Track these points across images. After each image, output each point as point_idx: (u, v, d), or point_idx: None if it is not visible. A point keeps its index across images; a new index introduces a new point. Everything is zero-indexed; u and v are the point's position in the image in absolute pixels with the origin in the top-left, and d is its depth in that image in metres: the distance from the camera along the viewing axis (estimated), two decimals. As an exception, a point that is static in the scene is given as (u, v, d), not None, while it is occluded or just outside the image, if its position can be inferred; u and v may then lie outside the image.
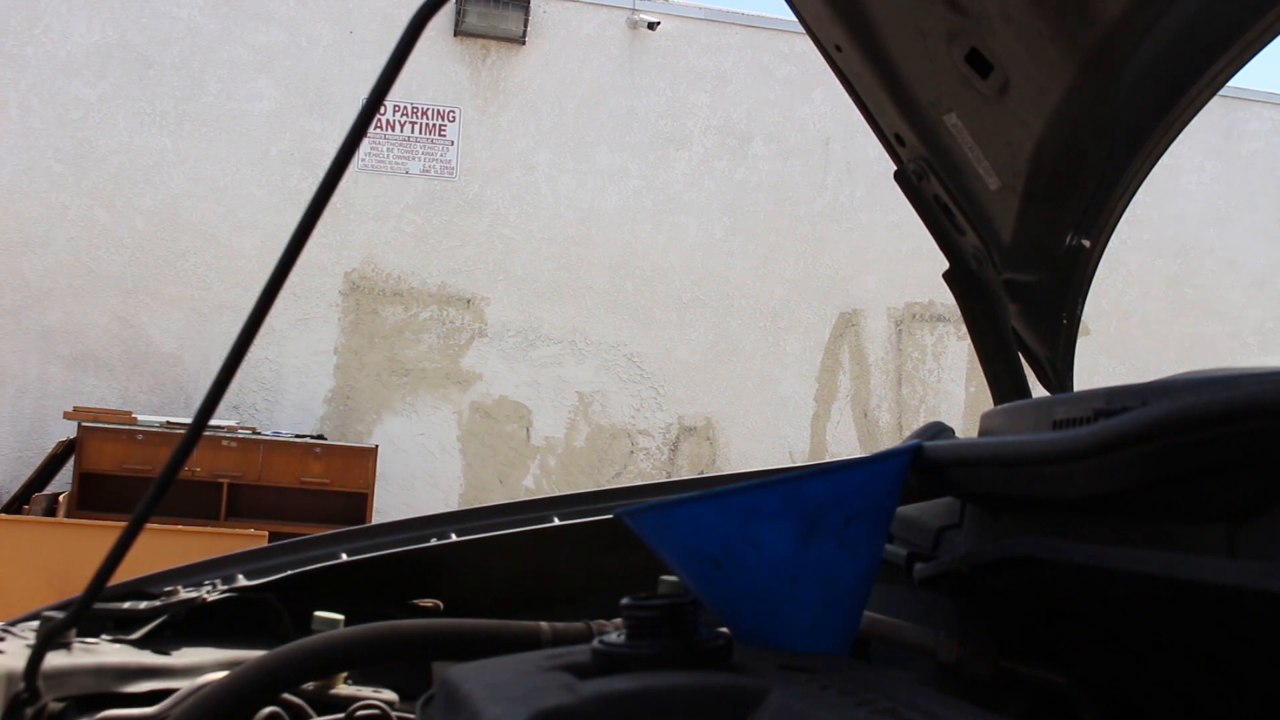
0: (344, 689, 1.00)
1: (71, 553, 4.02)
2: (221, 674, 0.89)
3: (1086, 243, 1.29)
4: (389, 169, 6.34)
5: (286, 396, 6.18)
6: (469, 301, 6.35)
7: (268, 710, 0.89)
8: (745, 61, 6.79)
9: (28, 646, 0.90)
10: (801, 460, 6.60)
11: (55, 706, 0.90)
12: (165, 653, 1.03)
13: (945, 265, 1.38)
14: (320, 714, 0.94)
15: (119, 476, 5.09)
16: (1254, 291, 7.45)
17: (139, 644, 1.05)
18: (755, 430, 6.71)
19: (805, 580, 0.71)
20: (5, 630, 1.01)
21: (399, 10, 6.25)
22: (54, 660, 0.91)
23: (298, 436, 5.73)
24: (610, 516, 1.09)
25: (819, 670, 0.61)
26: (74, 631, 0.97)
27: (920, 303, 6.93)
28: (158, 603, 1.10)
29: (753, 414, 6.71)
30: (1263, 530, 0.54)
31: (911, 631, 0.91)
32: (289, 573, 1.19)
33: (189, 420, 0.93)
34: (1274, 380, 0.52)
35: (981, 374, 1.38)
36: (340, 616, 1.03)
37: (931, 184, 1.34)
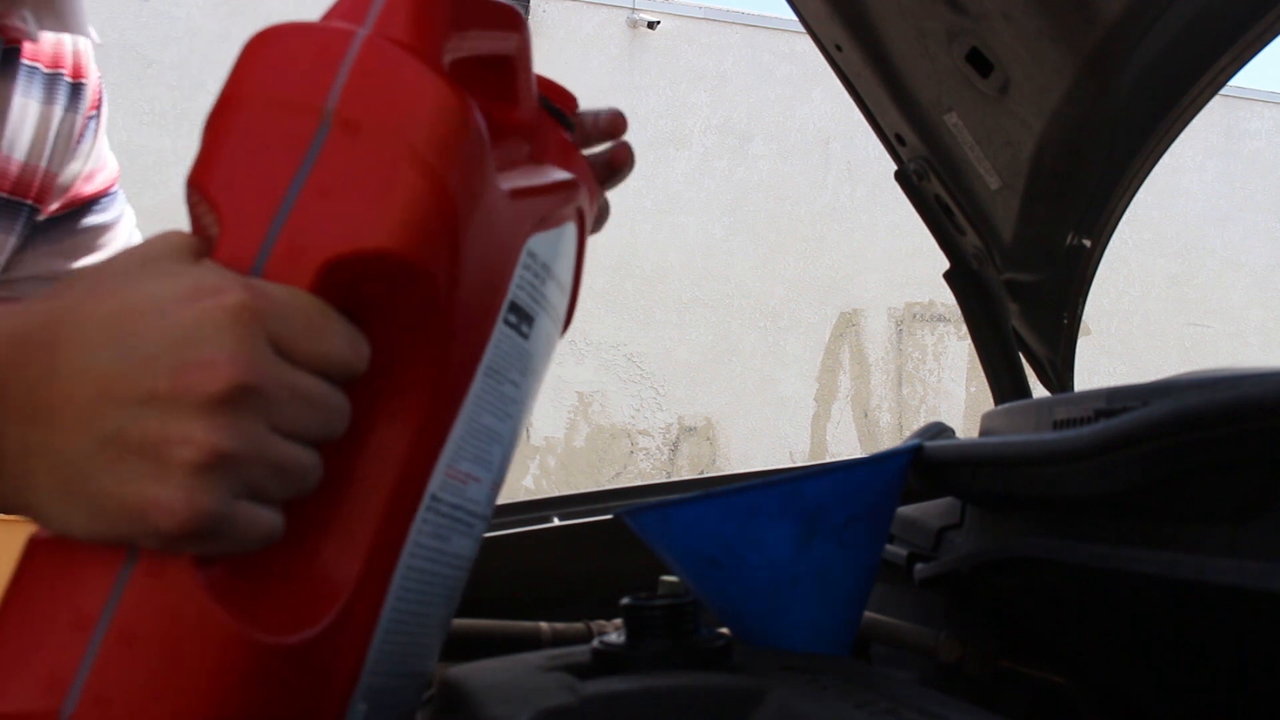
0: (344, 689, 1.00)
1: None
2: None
3: (1087, 242, 1.29)
4: (389, 169, 6.34)
5: (286, 396, 6.19)
6: (469, 301, 6.35)
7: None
8: (745, 61, 6.79)
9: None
10: (801, 460, 6.61)
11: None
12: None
13: (945, 265, 1.38)
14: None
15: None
16: (1255, 291, 7.45)
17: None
18: (755, 430, 6.70)
19: (805, 580, 0.71)
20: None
21: (399, 10, 6.25)
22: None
23: (298, 436, 5.73)
24: (610, 516, 1.09)
25: (819, 670, 0.61)
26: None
27: (920, 303, 6.93)
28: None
29: (753, 414, 6.71)
30: (1264, 530, 0.54)
31: (911, 631, 0.91)
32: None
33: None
34: (1275, 380, 0.52)
35: (982, 374, 1.38)
36: (340, 616, 1.03)
37: (932, 184, 1.34)
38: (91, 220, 1.00)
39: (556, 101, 0.64)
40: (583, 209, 0.63)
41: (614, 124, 0.70)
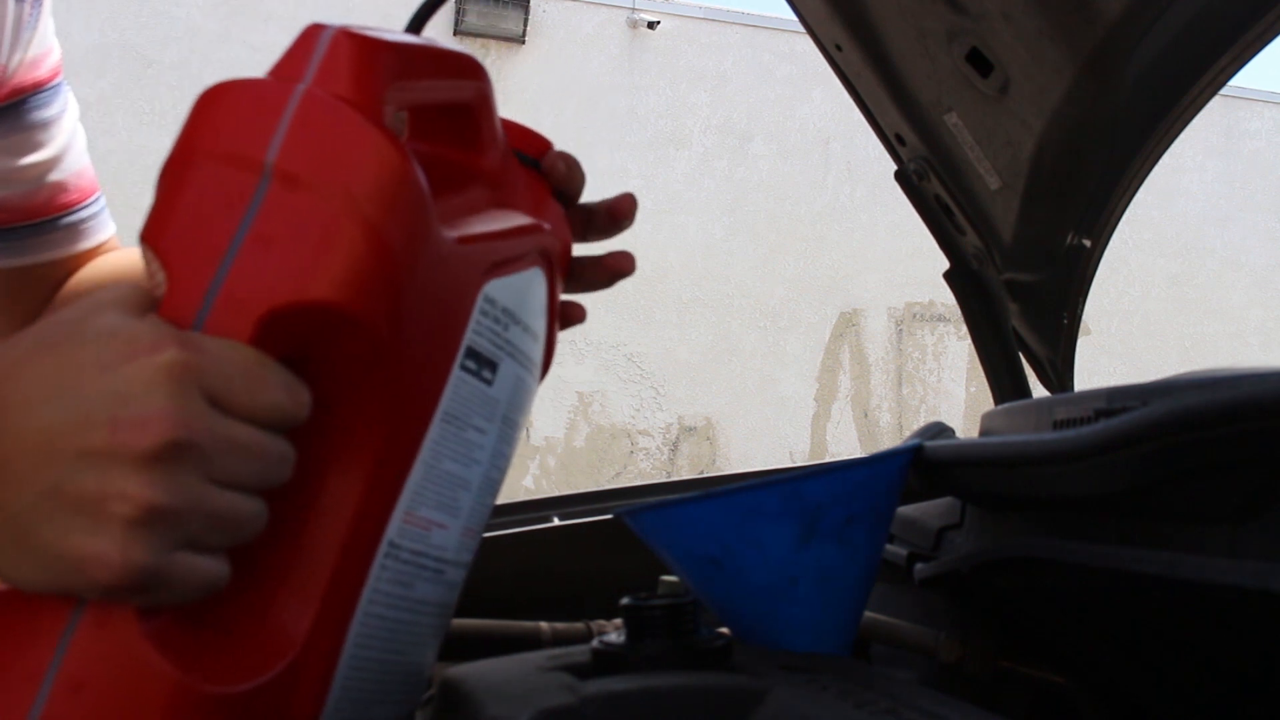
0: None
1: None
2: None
3: (1087, 242, 1.29)
4: (389, 169, 6.34)
5: (286, 396, 6.18)
6: (469, 301, 6.35)
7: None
8: (745, 61, 6.78)
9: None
10: (801, 460, 6.60)
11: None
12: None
13: (945, 265, 1.38)
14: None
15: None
16: (1255, 291, 7.45)
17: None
18: (755, 430, 6.70)
19: (805, 580, 0.71)
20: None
21: (398, 9, 6.25)
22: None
23: (298, 436, 5.73)
24: (610, 516, 1.09)
25: (819, 670, 0.61)
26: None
27: (920, 303, 6.93)
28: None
29: (753, 414, 6.71)
30: (1264, 530, 0.54)
31: (911, 631, 0.90)
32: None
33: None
34: (1275, 380, 0.52)
35: (982, 374, 1.38)
36: (340, 616, 1.03)
37: (932, 184, 1.34)
38: (37, 115, 0.98)
39: (526, 146, 0.64)
40: (549, 253, 0.63)
41: (621, 207, 0.70)
